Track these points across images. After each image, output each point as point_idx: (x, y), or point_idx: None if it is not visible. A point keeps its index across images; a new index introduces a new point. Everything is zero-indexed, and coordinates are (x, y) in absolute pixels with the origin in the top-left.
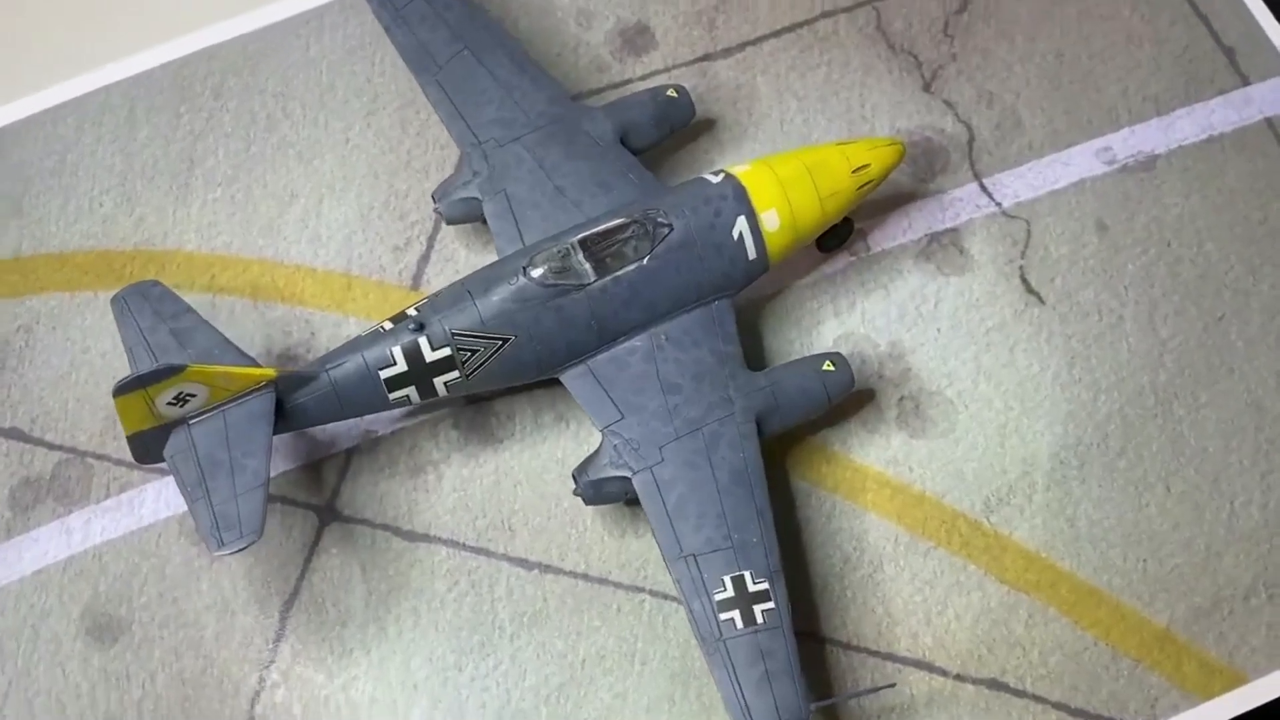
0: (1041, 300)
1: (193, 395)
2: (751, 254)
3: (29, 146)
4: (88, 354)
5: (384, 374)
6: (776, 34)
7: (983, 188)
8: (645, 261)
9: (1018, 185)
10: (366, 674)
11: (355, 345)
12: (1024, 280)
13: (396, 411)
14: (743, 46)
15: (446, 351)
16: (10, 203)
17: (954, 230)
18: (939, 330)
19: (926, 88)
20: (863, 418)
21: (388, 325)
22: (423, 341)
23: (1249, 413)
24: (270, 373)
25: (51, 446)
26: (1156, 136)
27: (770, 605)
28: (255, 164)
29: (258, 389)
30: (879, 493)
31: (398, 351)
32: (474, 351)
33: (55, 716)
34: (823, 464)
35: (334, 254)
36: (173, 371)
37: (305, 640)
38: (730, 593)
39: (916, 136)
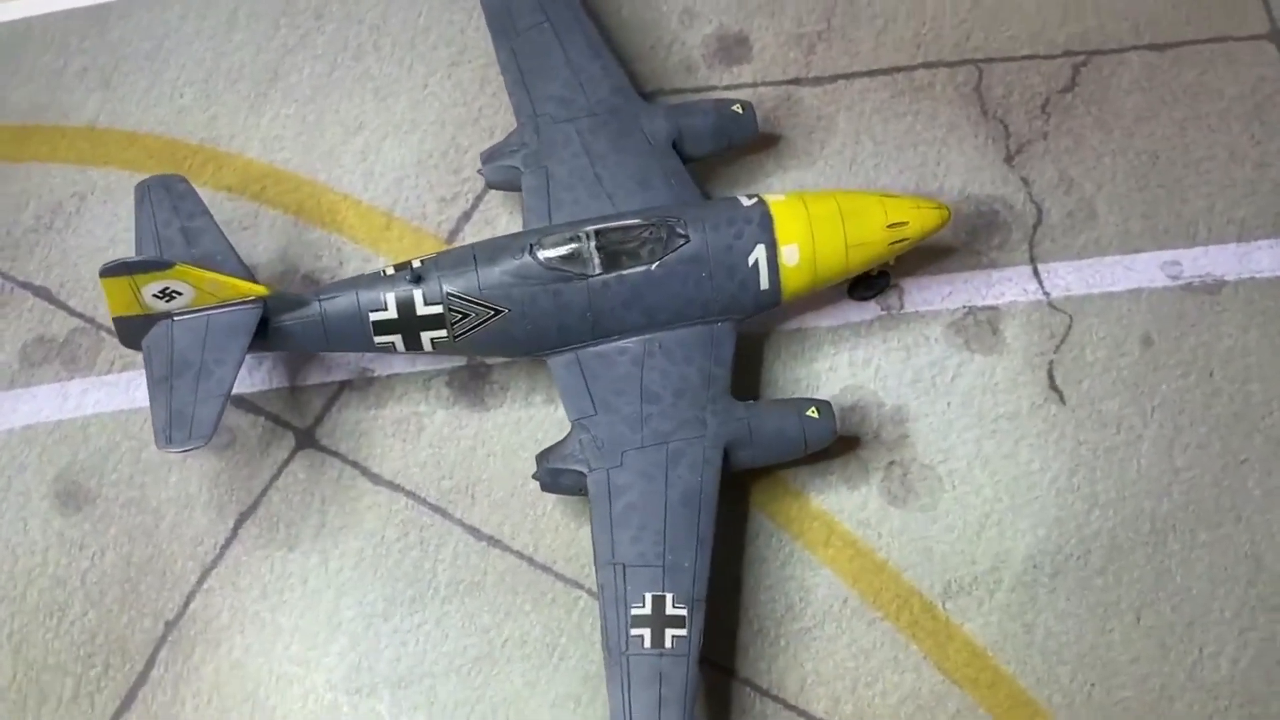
0: (1062, 400)
1: (179, 293)
2: (764, 284)
3: (132, 26)
4: (129, 234)
5: (373, 317)
6: (872, 73)
7: (1035, 273)
8: (654, 267)
9: (1072, 278)
10: (299, 600)
11: (353, 283)
12: (1050, 375)
13: (397, 355)
14: (835, 78)
15: (438, 309)
16: (100, 75)
17: (994, 309)
18: (949, 404)
19: (1008, 159)
20: (847, 473)
21: (390, 270)
22: (417, 294)
23: (1245, 564)
24: (262, 290)
25: (72, 312)
26: (1231, 262)
27: (683, 633)
28: (334, 90)
29: (246, 302)
30: (841, 550)
31: (391, 298)
32: (465, 315)
33: (7, 565)
34: (792, 506)
35: (382, 192)
36: (161, 266)
37: (251, 554)
38: (647, 610)
39: (983, 207)
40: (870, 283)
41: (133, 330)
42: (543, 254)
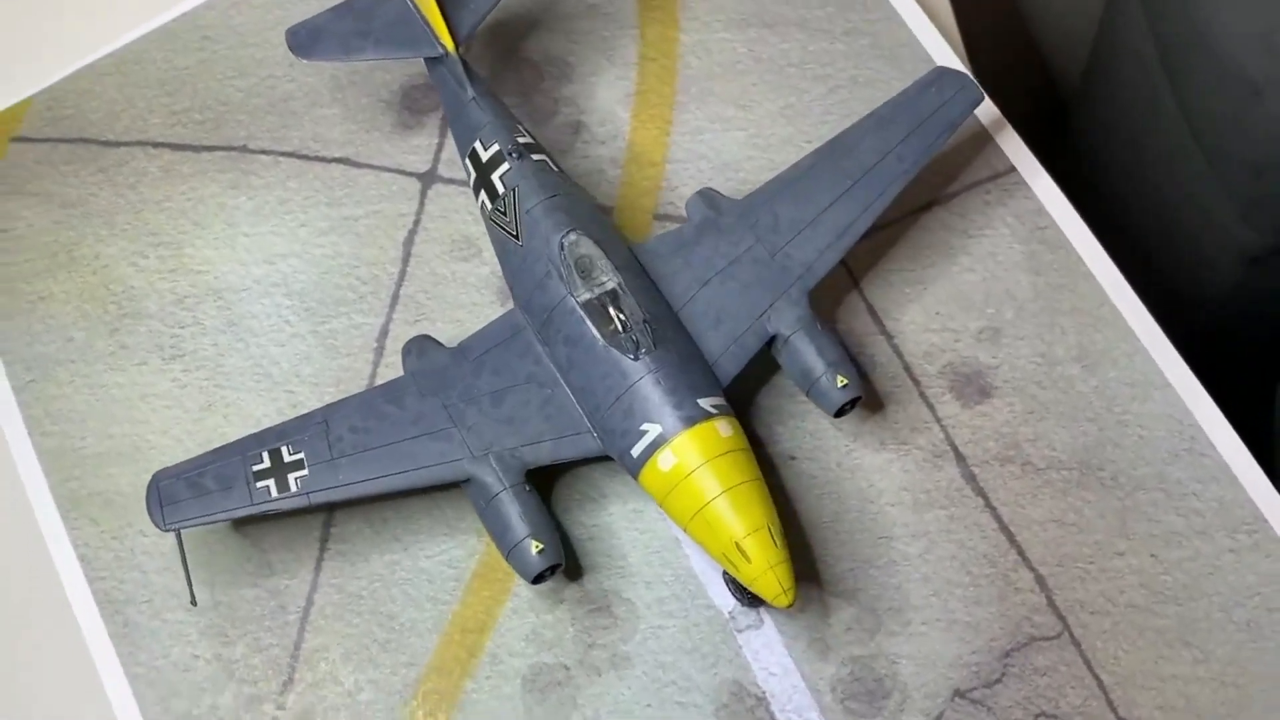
0: None
1: None
2: (634, 452)
3: None
4: None
5: (476, 144)
6: (1003, 529)
7: None
8: (599, 343)
9: None
10: (267, 229)
11: (503, 115)
12: None
13: None
14: (979, 497)
15: (501, 190)
16: None
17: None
18: (649, 707)
19: (1003, 656)
20: (543, 637)
21: (525, 139)
22: (505, 165)
23: None
24: (449, 46)
25: None
26: None
27: (265, 493)
28: (773, 74)
29: (439, 40)
30: (457, 650)
31: (495, 149)
32: (504, 213)
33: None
34: (489, 589)
35: (682, 146)
36: None
37: (300, 186)
38: (285, 459)
39: (889, 682)
40: (748, 595)
41: None
42: (564, 246)
